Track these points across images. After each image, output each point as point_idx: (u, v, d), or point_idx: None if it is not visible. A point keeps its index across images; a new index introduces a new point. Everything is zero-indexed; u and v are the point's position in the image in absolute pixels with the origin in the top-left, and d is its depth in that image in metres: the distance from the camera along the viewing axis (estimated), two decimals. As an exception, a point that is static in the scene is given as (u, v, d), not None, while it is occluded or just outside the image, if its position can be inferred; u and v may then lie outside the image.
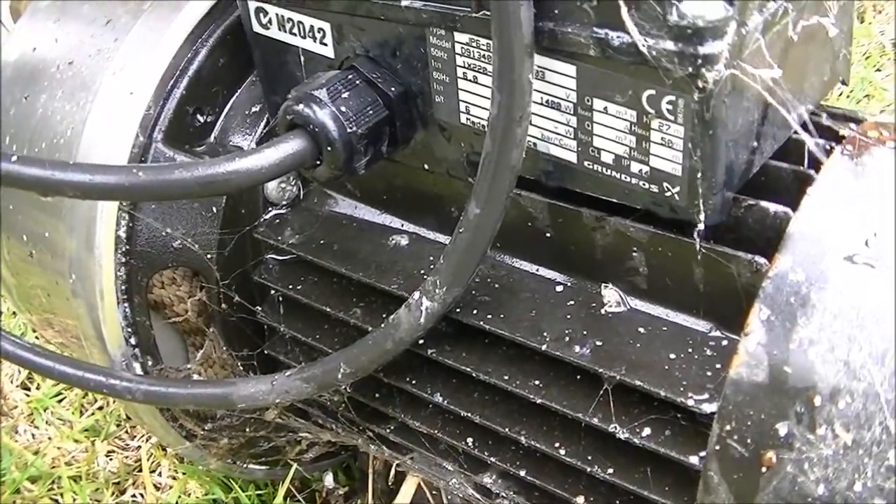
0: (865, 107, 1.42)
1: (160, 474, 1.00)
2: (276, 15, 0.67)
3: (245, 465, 0.87)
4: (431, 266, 0.67)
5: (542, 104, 0.56)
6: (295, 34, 0.66)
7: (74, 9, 0.84)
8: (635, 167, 0.55)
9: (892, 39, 1.52)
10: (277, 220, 0.74)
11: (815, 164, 0.57)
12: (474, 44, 0.57)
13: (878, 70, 1.49)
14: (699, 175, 0.53)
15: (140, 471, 1.00)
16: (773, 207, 0.56)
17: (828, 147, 0.59)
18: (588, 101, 0.54)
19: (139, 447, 1.04)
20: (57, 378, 0.77)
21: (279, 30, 0.67)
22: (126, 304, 0.74)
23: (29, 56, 0.84)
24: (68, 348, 0.90)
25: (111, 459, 1.03)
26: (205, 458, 0.83)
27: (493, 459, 0.67)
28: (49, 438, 1.05)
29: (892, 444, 0.50)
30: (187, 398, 0.70)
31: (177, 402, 0.73)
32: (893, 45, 1.52)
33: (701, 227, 0.54)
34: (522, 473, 0.65)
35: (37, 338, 1.11)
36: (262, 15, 0.68)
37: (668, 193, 0.54)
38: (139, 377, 0.73)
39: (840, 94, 1.41)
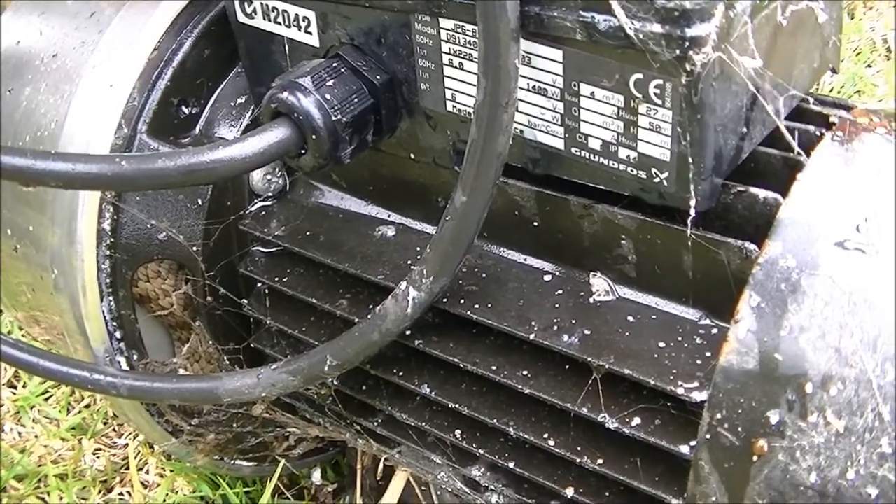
0: (857, 102, 1.42)
1: (147, 472, 0.99)
2: (261, 4, 0.66)
3: (232, 462, 0.86)
4: (418, 256, 0.66)
5: (528, 90, 0.56)
6: (280, 23, 0.66)
7: (59, 2, 0.83)
8: (623, 153, 0.54)
9: (882, 35, 1.52)
10: (263, 212, 0.73)
11: (805, 150, 0.56)
12: (460, 30, 0.57)
13: (869, 66, 1.49)
14: (688, 160, 0.52)
15: (127, 469, 0.99)
16: (762, 193, 0.55)
17: (818, 133, 0.58)
18: (575, 86, 0.54)
19: (126, 445, 1.03)
20: (41, 374, 0.76)
21: (264, 19, 0.66)
22: (111, 298, 0.73)
23: (13, 49, 0.83)
24: (55, 345, 0.89)
25: (98, 457, 1.02)
26: (191, 454, 0.82)
27: (481, 451, 0.66)
28: (36, 437, 1.04)
29: (884, 431, 0.49)
30: (173, 393, 0.69)
31: (162, 397, 0.72)
32: (884, 41, 1.52)
33: (691, 213, 0.53)
34: (511, 465, 0.64)
35: (23, 335, 1.10)
36: (246, 4, 0.67)
37: (657, 179, 0.54)
38: (123, 372, 0.73)
39: (831, 90, 1.40)
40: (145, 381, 0.70)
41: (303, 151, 0.60)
